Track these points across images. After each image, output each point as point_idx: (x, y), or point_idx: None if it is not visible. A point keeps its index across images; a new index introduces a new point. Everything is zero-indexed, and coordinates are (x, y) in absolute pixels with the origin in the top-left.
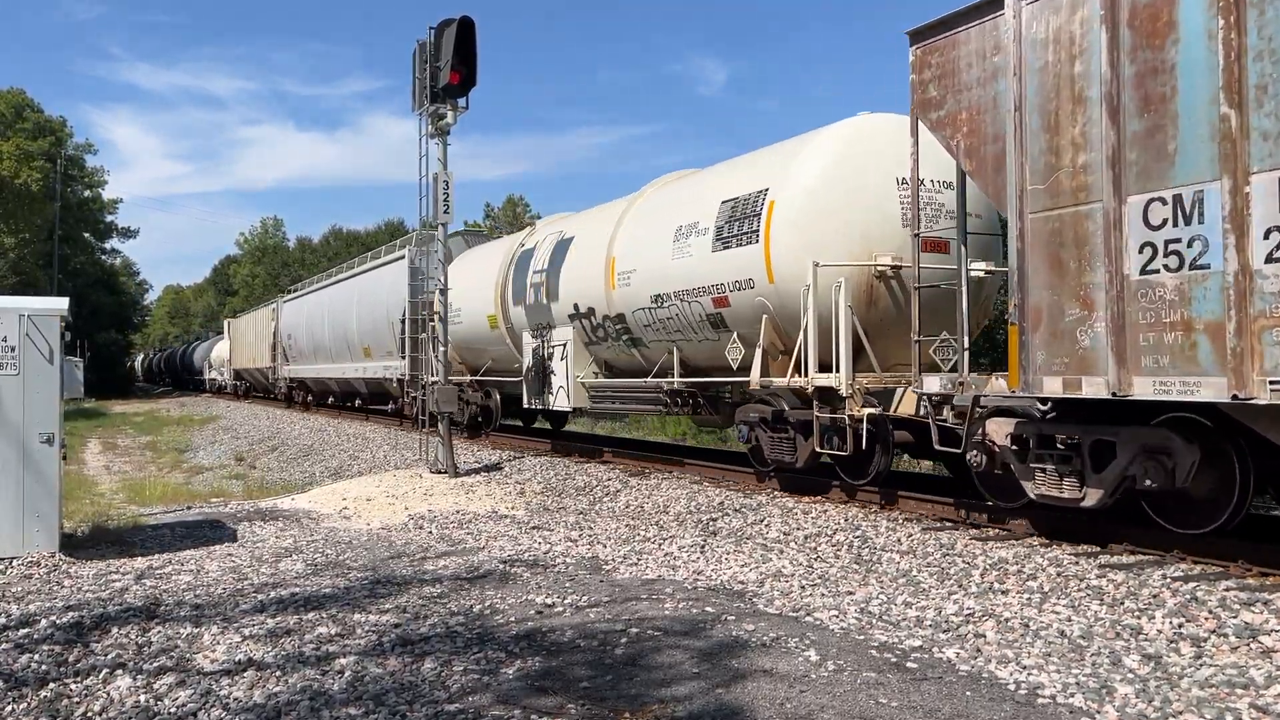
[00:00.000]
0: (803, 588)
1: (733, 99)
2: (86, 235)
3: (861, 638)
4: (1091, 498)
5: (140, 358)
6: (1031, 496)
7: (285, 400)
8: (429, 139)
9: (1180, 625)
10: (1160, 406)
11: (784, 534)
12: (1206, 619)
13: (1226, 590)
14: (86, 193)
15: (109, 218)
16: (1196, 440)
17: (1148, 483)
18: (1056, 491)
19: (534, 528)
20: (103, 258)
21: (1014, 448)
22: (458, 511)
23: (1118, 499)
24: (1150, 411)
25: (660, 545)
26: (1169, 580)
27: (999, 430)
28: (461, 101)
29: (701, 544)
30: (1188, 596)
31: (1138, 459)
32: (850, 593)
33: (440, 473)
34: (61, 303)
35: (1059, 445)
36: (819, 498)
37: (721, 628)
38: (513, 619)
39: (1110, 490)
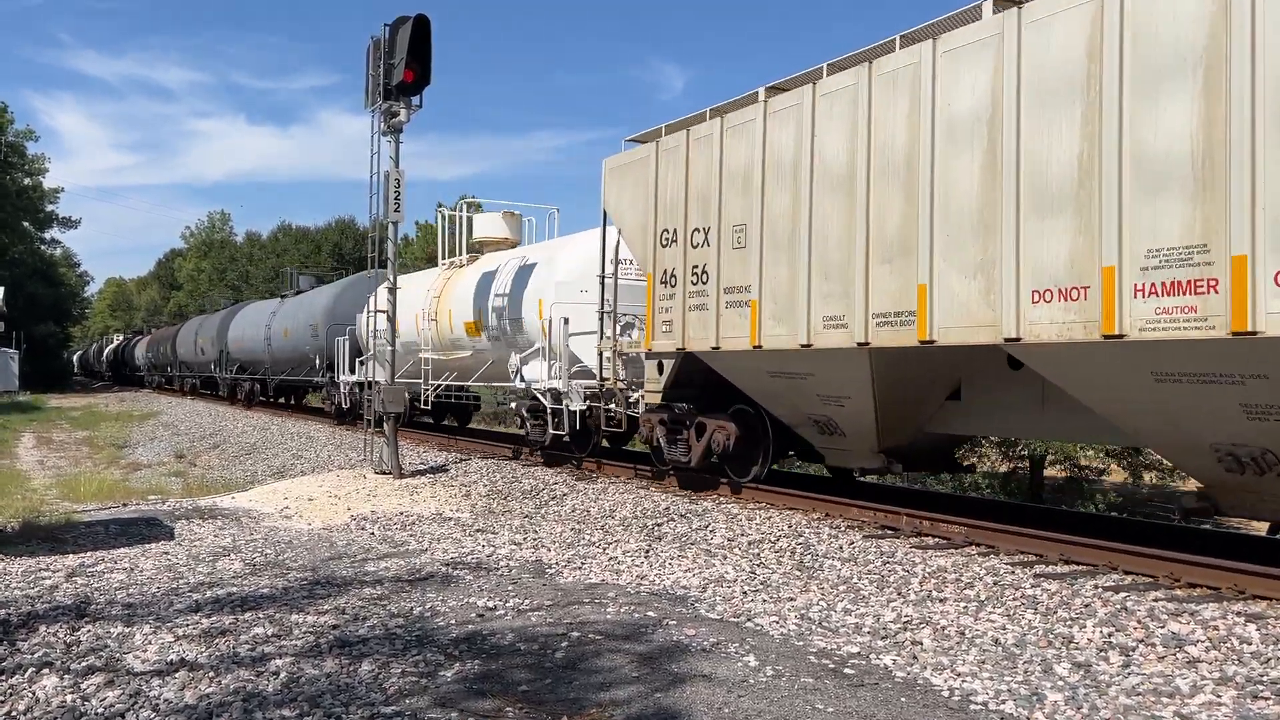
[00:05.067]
0: (744, 593)
1: (691, 106)
2: (26, 224)
3: (801, 644)
4: None
5: (79, 352)
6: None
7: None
8: (381, 136)
9: (1110, 634)
10: None
11: (728, 540)
12: (1136, 628)
13: (1155, 601)
14: (26, 180)
15: (49, 207)
16: None
17: None
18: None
19: (478, 530)
20: (42, 248)
21: None
22: (401, 513)
23: None
24: None
25: (605, 549)
26: (1100, 590)
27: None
28: (415, 100)
29: (646, 549)
30: (1118, 606)
31: None
32: (791, 599)
33: (385, 473)
34: None
35: None
36: (764, 504)
37: (663, 632)
38: (453, 621)
39: None
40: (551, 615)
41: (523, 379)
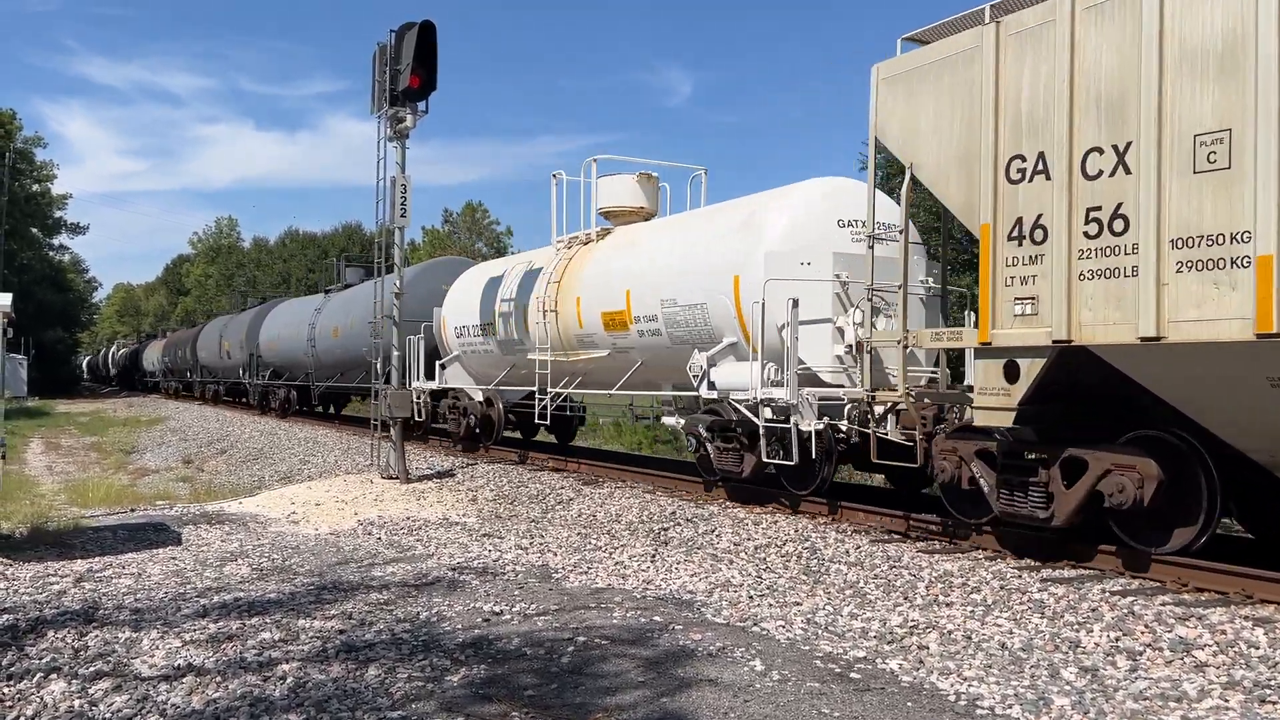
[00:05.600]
0: (751, 598)
1: (698, 111)
2: (34, 230)
3: (807, 648)
4: None
5: (88, 357)
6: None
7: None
8: (387, 142)
9: (1117, 639)
10: None
11: (734, 544)
12: (1143, 633)
13: (1163, 605)
14: (35, 187)
15: (58, 213)
16: None
17: None
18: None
19: (485, 535)
20: (51, 254)
21: None
22: (408, 518)
23: None
24: None
25: (611, 554)
26: (1107, 594)
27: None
28: (421, 105)
29: (652, 553)
30: (1125, 611)
31: None
32: (798, 603)
33: (392, 478)
34: (5, 298)
35: None
36: (769, 507)
37: (669, 637)
38: (460, 626)
39: None
40: (558, 620)
41: (711, 385)
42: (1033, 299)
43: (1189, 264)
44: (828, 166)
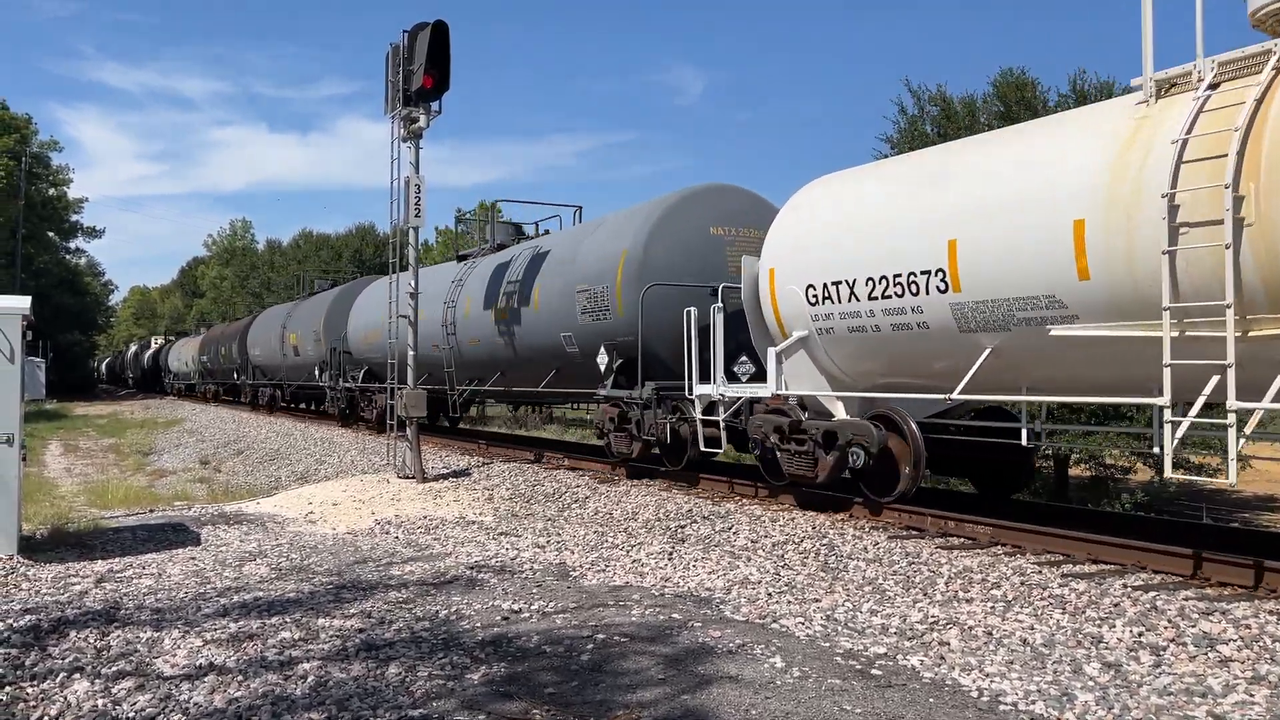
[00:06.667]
0: (769, 595)
1: (710, 109)
2: (51, 234)
3: (827, 645)
4: None
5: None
6: None
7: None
8: (401, 142)
9: (1140, 634)
10: None
11: (752, 541)
12: (1166, 628)
13: (1186, 600)
14: (51, 191)
15: (74, 217)
16: None
17: None
18: None
19: (502, 533)
20: (67, 257)
21: None
22: (425, 517)
23: None
24: None
25: (628, 552)
26: (1129, 589)
27: None
28: (434, 106)
29: (669, 551)
30: (1148, 606)
31: None
32: (816, 600)
33: (408, 478)
34: (23, 302)
35: None
36: (787, 505)
37: (688, 634)
38: (479, 624)
39: None
40: (576, 618)
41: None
42: None
43: None
44: (845, 164)
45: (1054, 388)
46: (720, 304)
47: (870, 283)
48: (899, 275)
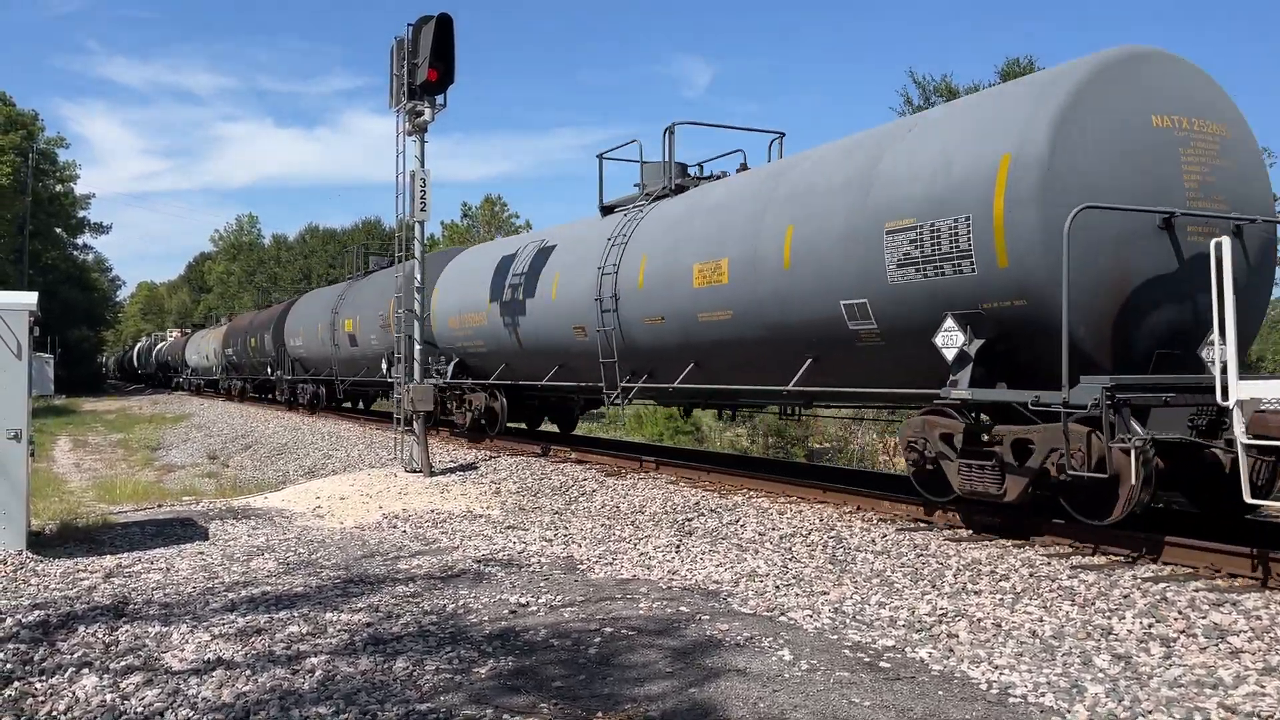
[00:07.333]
0: (777, 588)
1: (716, 100)
2: (58, 230)
3: (835, 637)
4: None
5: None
6: None
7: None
8: (406, 136)
9: (1150, 625)
10: None
11: (759, 534)
12: (1176, 619)
13: (1196, 591)
14: (58, 187)
15: (81, 213)
16: None
17: None
18: None
19: (509, 527)
20: (74, 253)
21: None
22: (432, 511)
23: None
24: None
25: (635, 545)
26: (1139, 581)
27: None
28: (439, 99)
29: (677, 544)
30: (1158, 597)
31: None
32: (824, 593)
33: (415, 472)
34: (30, 297)
35: None
36: (795, 498)
37: (695, 627)
38: (486, 618)
39: None
40: (584, 611)
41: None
42: None
43: None
44: None
45: None
46: (1241, 245)
47: None
48: None
